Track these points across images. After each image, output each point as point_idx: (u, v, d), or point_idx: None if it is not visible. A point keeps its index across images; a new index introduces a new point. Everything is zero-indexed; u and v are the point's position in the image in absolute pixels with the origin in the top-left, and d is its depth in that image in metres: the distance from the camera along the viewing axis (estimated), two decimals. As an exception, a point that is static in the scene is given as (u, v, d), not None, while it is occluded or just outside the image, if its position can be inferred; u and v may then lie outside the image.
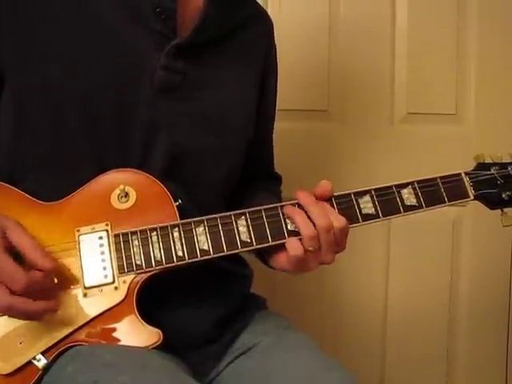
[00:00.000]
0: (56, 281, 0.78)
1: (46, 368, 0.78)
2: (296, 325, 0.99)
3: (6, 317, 0.77)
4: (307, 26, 1.49)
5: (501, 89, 1.54)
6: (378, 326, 1.57)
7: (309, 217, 0.82)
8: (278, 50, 1.09)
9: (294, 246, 0.82)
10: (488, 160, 0.92)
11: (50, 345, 0.78)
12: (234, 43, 0.94)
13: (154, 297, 0.82)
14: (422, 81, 1.52)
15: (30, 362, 0.77)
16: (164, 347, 0.80)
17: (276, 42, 1.07)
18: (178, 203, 0.83)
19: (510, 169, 0.90)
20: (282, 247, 0.85)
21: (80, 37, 0.84)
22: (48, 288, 0.77)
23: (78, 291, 0.80)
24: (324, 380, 0.84)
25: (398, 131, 1.54)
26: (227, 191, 0.97)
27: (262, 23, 1.03)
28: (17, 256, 0.75)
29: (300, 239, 0.82)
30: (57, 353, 0.78)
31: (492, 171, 0.90)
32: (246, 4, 0.99)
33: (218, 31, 0.91)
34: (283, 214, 0.84)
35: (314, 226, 0.82)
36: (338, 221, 0.83)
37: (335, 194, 0.86)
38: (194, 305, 0.88)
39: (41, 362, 0.77)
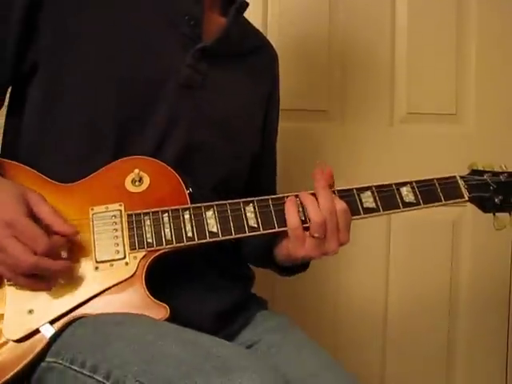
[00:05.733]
0: (65, 255, 0.80)
1: (54, 337, 0.79)
2: (296, 325, 0.99)
3: (16, 286, 0.79)
4: (307, 26, 1.49)
5: (501, 89, 1.54)
6: (378, 326, 1.57)
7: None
8: (278, 50, 1.12)
9: (292, 221, 0.86)
10: (481, 169, 0.95)
11: (59, 314, 0.80)
12: (248, 63, 1.04)
13: (158, 290, 0.83)
14: (422, 81, 1.53)
15: (38, 331, 0.79)
16: None
17: (276, 41, 1.09)
18: (189, 191, 0.87)
19: (501, 177, 0.94)
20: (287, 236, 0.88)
21: (116, 34, 0.89)
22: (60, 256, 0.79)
23: (89, 264, 0.82)
24: (324, 379, 0.85)
25: (398, 131, 1.54)
26: (225, 193, 0.98)
27: (271, 54, 1.13)
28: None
29: (302, 220, 0.86)
30: (65, 323, 0.80)
31: (485, 177, 0.94)
32: (257, 34, 1.11)
33: (236, 47, 1.00)
34: None
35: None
36: (340, 203, 0.87)
37: (338, 188, 0.89)
38: (198, 298, 0.90)
39: (49, 330, 0.79)
